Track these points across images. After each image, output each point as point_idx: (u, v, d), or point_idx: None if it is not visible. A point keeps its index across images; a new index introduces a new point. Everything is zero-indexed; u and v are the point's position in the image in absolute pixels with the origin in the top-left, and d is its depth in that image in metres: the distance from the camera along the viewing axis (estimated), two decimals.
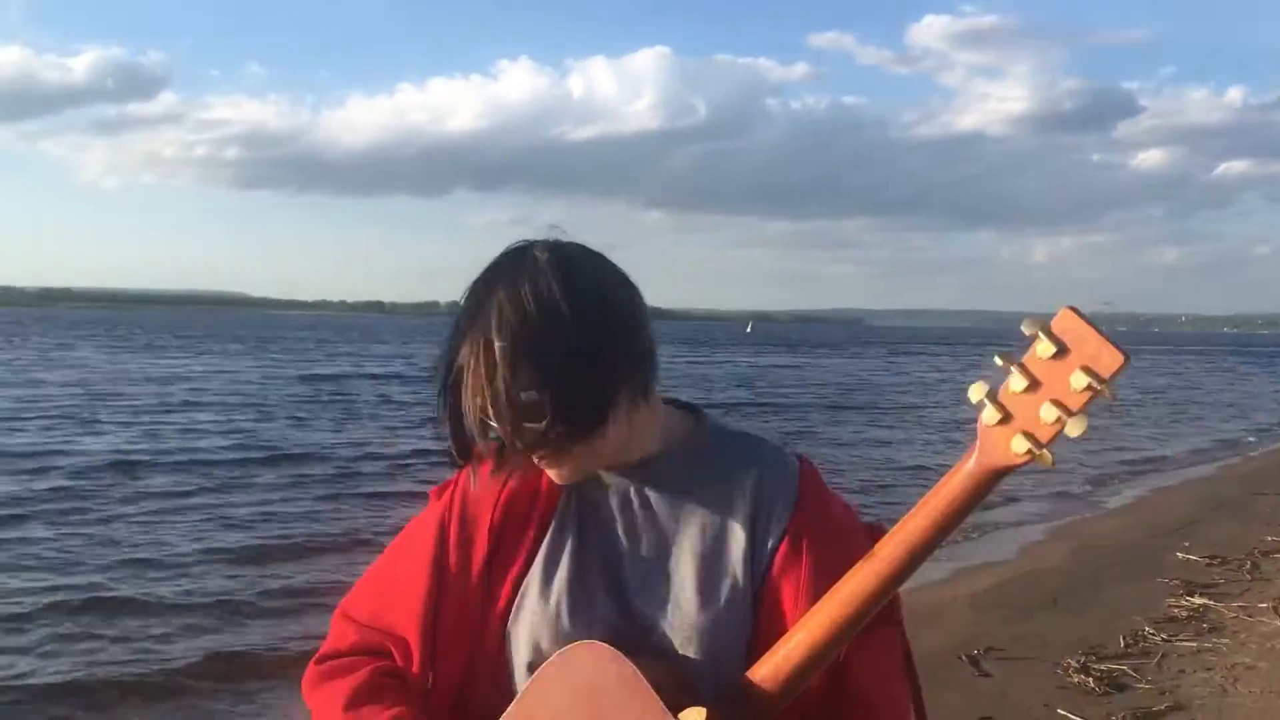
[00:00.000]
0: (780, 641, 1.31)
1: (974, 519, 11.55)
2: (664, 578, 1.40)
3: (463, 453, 1.40)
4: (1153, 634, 6.90)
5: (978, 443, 1.19)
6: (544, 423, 1.31)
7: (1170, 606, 7.65)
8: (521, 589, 1.42)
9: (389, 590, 1.50)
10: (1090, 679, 5.97)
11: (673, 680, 1.32)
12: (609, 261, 1.42)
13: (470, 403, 1.33)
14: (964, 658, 6.43)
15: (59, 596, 7.86)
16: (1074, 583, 8.52)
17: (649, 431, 1.44)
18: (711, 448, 1.47)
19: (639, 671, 1.30)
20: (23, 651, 6.73)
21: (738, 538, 1.41)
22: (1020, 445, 1.15)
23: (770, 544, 1.40)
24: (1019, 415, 1.15)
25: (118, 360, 42.43)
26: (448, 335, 1.37)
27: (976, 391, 1.17)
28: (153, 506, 11.50)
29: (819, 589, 1.32)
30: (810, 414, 25.31)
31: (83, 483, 12.83)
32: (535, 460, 1.39)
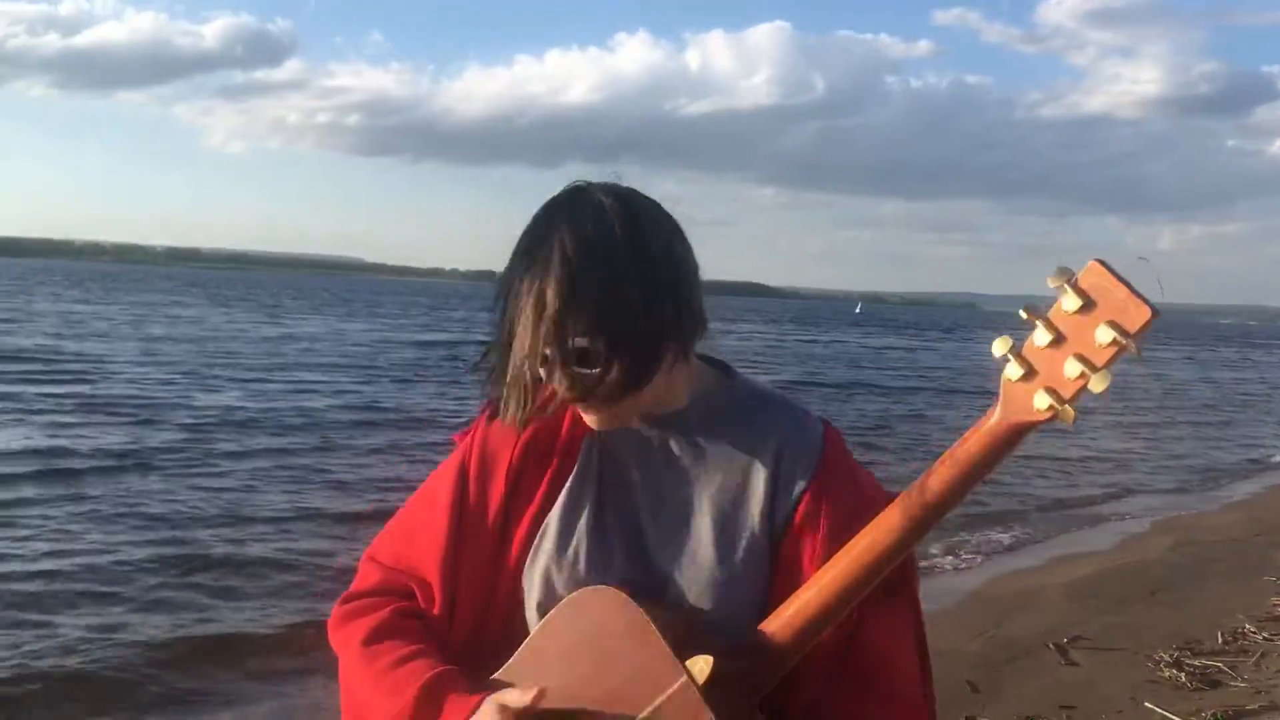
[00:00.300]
0: (793, 596, 1.31)
1: (1077, 509, 11.34)
2: (682, 530, 1.40)
3: (508, 391, 1.37)
4: (1254, 632, 6.67)
5: (1000, 399, 1.16)
6: (597, 370, 1.30)
7: (1275, 605, 7.38)
8: (539, 533, 1.42)
9: (412, 533, 1.51)
10: (1182, 674, 5.80)
11: (684, 631, 1.32)
12: (666, 211, 1.40)
13: (523, 342, 1.30)
14: (1051, 645, 6.30)
15: (161, 550, 8.02)
16: (1175, 576, 8.28)
17: (681, 385, 1.43)
18: (739, 405, 1.46)
19: (649, 618, 1.30)
20: (125, 603, 6.89)
21: (758, 495, 1.40)
22: (1042, 401, 1.12)
23: (790, 502, 1.40)
24: (1043, 370, 1.12)
25: (235, 320, 43.74)
26: (505, 271, 1.34)
27: (1000, 346, 1.14)
28: (258, 464, 11.81)
29: (836, 550, 1.31)
30: (919, 396, 24.92)
31: (193, 436, 13.27)
32: (579, 407, 1.38)
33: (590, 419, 1.40)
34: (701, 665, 1.27)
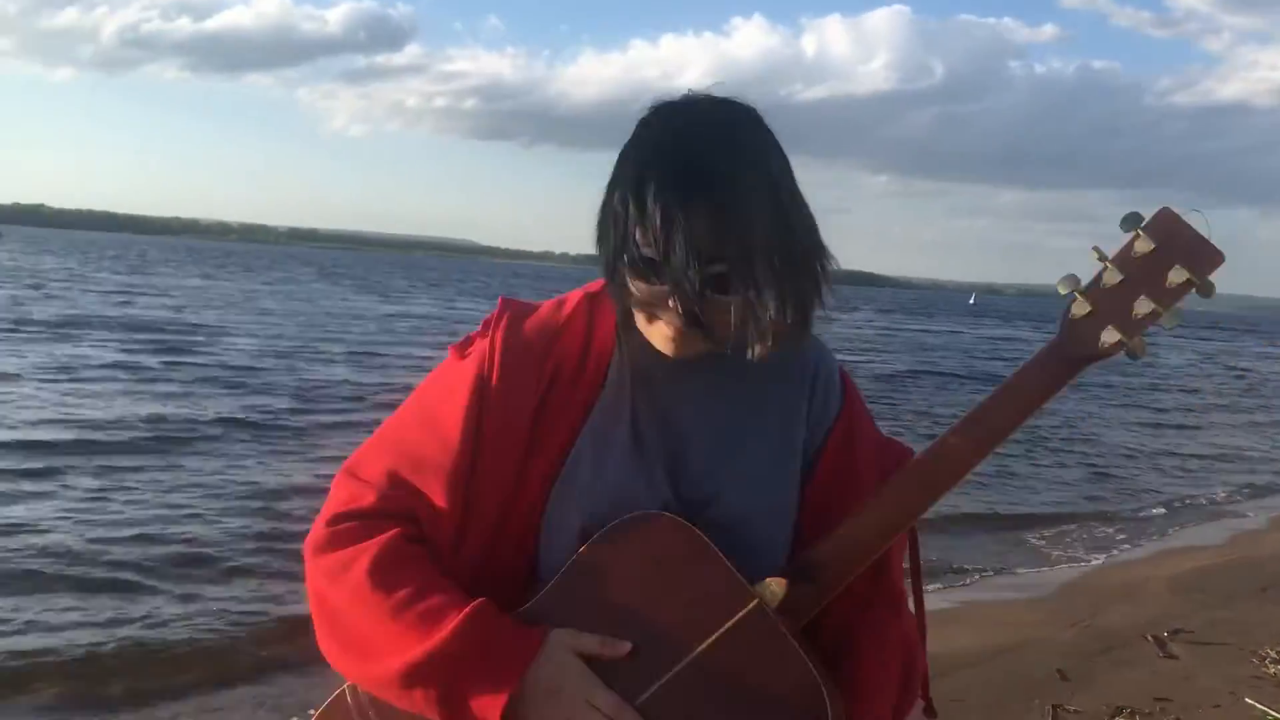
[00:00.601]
0: (848, 521, 1.31)
1: (1193, 505, 10.96)
2: (726, 453, 1.37)
3: (618, 283, 1.28)
4: None
5: (1062, 336, 1.25)
6: (772, 307, 1.23)
7: None
8: (573, 455, 1.35)
9: (413, 449, 1.38)
10: None
11: (731, 555, 1.29)
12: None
13: (681, 263, 1.20)
14: (1149, 638, 6.09)
15: (256, 522, 8.00)
16: None
17: None
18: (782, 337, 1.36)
19: (709, 541, 1.27)
20: (217, 572, 6.93)
21: (796, 423, 1.40)
22: (1111, 336, 1.21)
23: (824, 429, 1.42)
24: (1109, 308, 1.22)
25: (348, 298, 44.80)
26: (639, 182, 1.23)
27: (1065, 285, 1.24)
28: (360, 438, 11.96)
29: (864, 479, 1.38)
30: None
31: (300, 406, 13.60)
32: (674, 322, 1.26)
33: (671, 347, 1.30)
34: (774, 588, 1.26)
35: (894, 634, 1.38)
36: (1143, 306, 1.20)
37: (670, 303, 1.24)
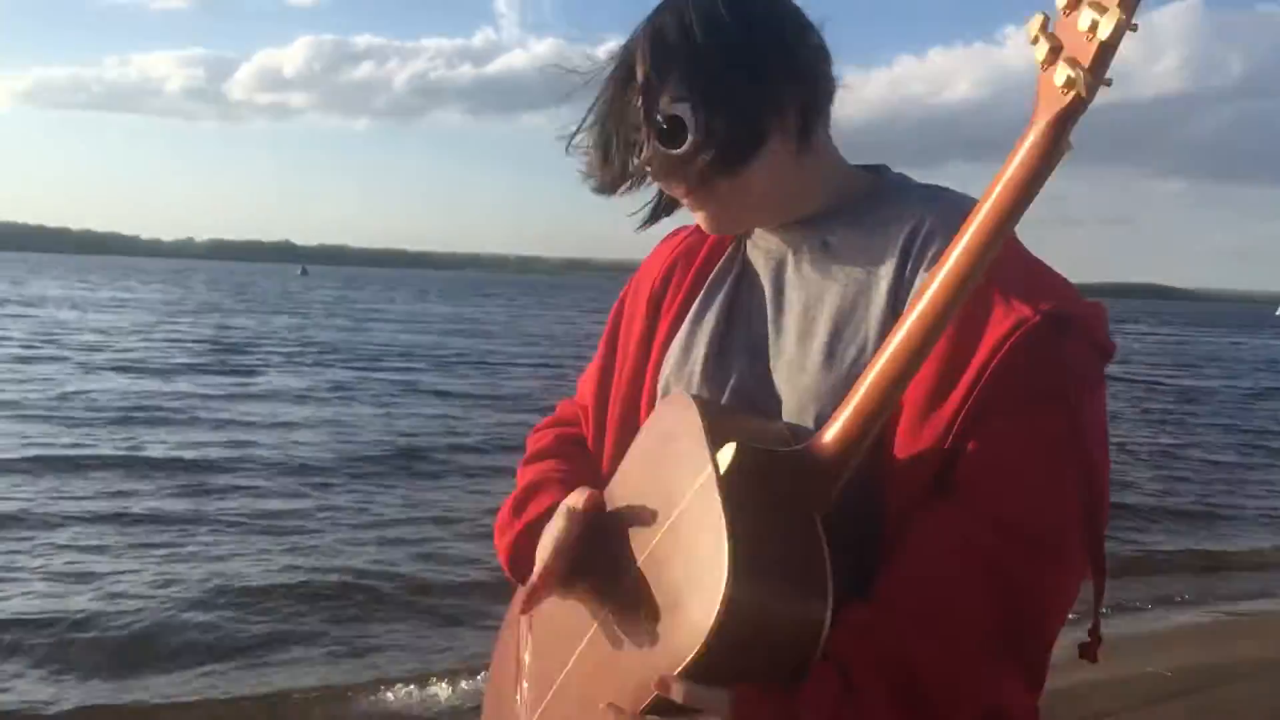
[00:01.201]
0: (850, 391, 1.10)
1: None
2: (799, 341, 1.27)
3: (604, 189, 1.30)
4: None
5: (1036, 99, 0.97)
6: (687, 144, 1.20)
7: None
8: (667, 352, 1.39)
9: (589, 367, 1.56)
10: None
11: (770, 437, 1.19)
12: None
13: (615, 125, 1.24)
14: None
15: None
16: None
17: (810, 186, 1.29)
18: (880, 202, 1.29)
19: (700, 416, 1.18)
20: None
21: (880, 292, 1.22)
22: (1060, 76, 0.92)
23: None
24: (1067, 42, 0.93)
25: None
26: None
27: (1032, 27, 0.96)
28: None
29: None
30: None
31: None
32: (682, 200, 1.30)
33: (699, 218, 1.32)
34: (724, 453, 1.11)
35: (954, 540, 1.08)
36: (1083, 21, 0.90)
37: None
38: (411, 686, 5.30)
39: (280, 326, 32.54)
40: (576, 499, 1.27)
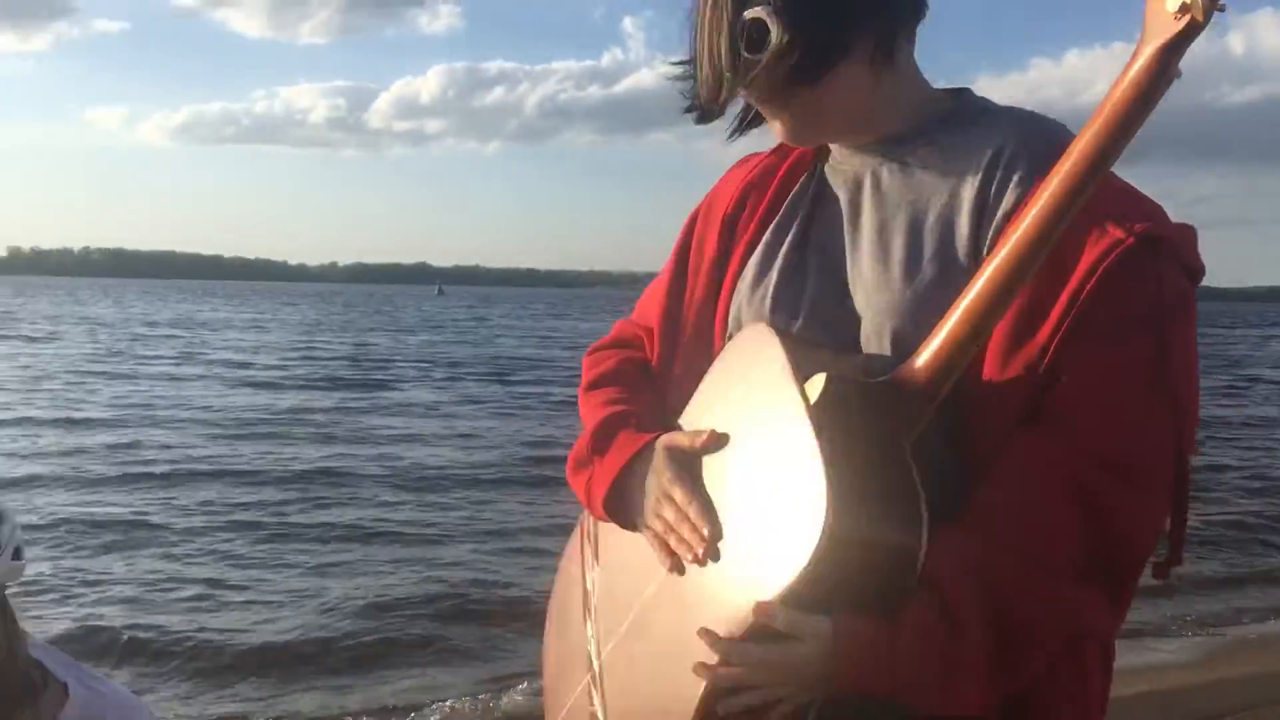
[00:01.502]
0: (941, 320, 1.11)
1: None
2: (877, 260, 1.24)
3: (702, 108, 1.28)
4: None
5: (1143, 28, 0.97)
6: (769, 49, 1.17)
7: None
8: (741, 275, 1.36)
9: (651, 288, 1.52)
10: None
11: (853, 369, 1.18)
12: None
13: (703, 39, 1.22)
14: None
15: None
16: None
17: (891, 104, 1.27)
18: (963, 124, 1.26)
19: (782, 346, 1.17)
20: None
21: (961, 221, 1.20)
22: (1173, 3, 0.93)
23: (1001, 213, 1.17)
24: None
25: None
26: None
27: None
28: None
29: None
30: None
31: None
32: (763, 109, 1.28)
33: (777, 129, 1.29)
34: (814, 383, 1.13)
35: (1045, 467, 1.10)
36: None
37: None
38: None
39: (414, 343, 33.39)
40: (685, 441, 1.26)
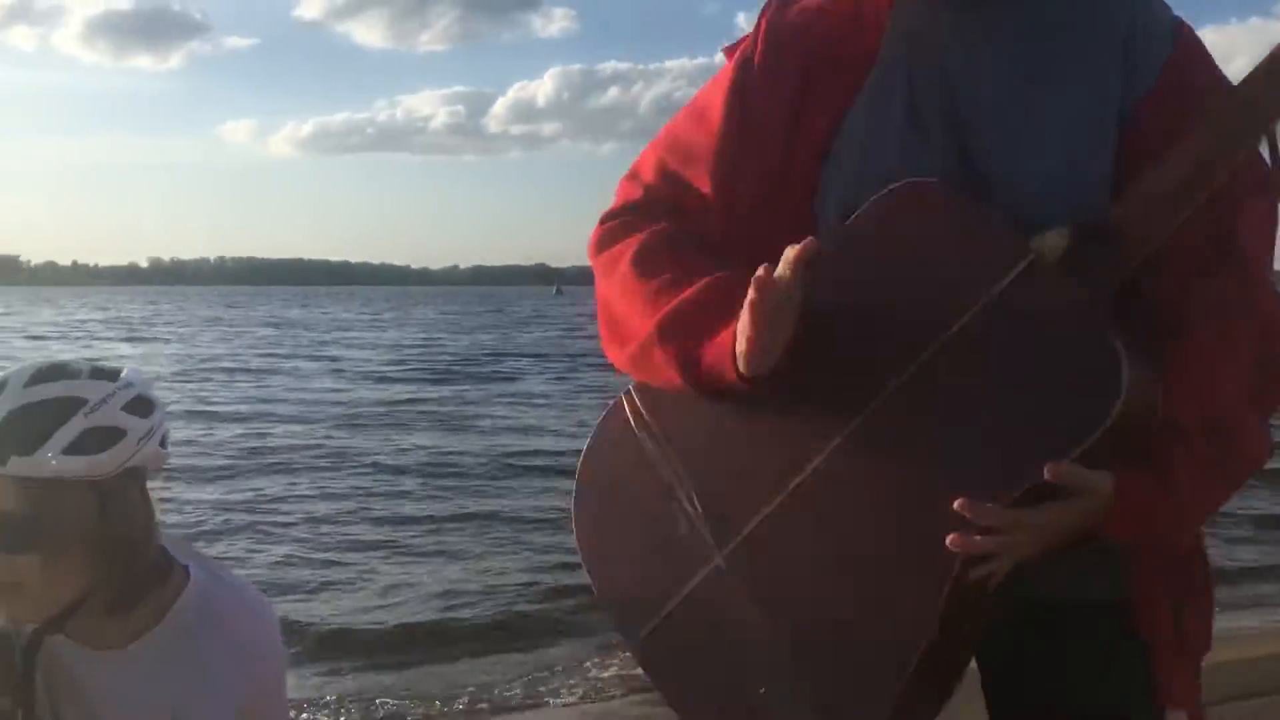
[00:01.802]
0: (1149, 172, 1.14)
1: None
2: (1014, 115, 1.20)
3: None
4: None
5: None
6: None
7: None
8: (843, 130, 1.25)
9: (683, 141, 1.34)
10: None
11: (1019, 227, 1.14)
12: None
13: None
14: None
15: None
16: None
17: None
18: None
19: (980, 204, 1.14)
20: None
21: (1108, 77, 1.20)
22: None
23: (1149, 81, 1.21)
24: None
25: None
26: None
27: None
28: None
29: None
30: None
31: None
32: None
33: None
34: (1054, 240, 1.11)
35: (1240, 305, 1.17)
36: None
37: None
38: None
39: (531, 340, 33.82)
40: (794, 251, 1.12)
